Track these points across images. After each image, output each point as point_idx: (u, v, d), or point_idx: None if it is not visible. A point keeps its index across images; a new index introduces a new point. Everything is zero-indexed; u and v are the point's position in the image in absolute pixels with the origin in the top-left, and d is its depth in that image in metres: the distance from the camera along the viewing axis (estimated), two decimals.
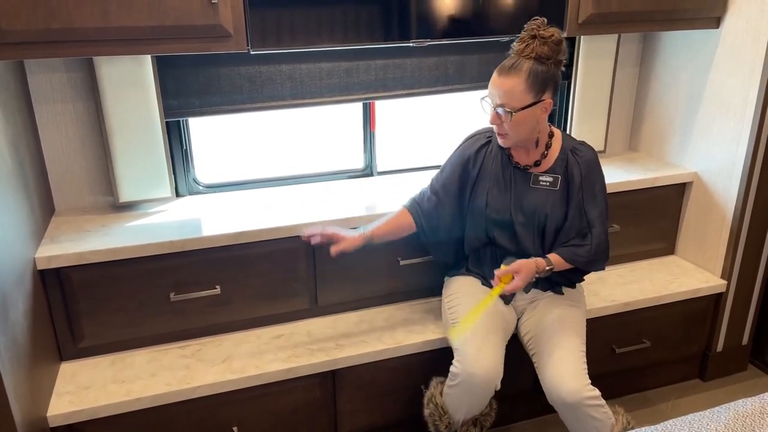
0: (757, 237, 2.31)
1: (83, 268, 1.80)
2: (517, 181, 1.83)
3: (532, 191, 1.82)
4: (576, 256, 1.81)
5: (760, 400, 1.49)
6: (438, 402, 1.80)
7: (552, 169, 1.82)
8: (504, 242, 1.86)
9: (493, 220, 1.84)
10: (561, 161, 1.82)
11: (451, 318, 1.90)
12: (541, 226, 1.83)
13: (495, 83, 1.69)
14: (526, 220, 1.83)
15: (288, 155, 2.41)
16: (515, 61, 1.67)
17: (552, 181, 1.81)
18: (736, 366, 2.51)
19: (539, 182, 1.82)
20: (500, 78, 1.68)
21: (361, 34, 1.86)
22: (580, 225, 1.82)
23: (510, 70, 1.66)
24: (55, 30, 1.56)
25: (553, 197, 1.81)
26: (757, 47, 2.08)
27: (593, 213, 1.81)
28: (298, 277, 2.03)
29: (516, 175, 1.84)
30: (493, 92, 1.70)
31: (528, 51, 1.66)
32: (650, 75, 2.56)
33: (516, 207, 1.82)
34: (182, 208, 2.11)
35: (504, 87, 1.66)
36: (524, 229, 1.83)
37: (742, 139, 2.18)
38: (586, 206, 1.81)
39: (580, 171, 1.80)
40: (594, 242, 1.81)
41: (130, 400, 1.73)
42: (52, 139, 2.00)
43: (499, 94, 1.67)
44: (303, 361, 1.89)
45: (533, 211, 1.82)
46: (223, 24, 1.69)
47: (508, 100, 1.66)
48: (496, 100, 1.69)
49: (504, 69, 1.68)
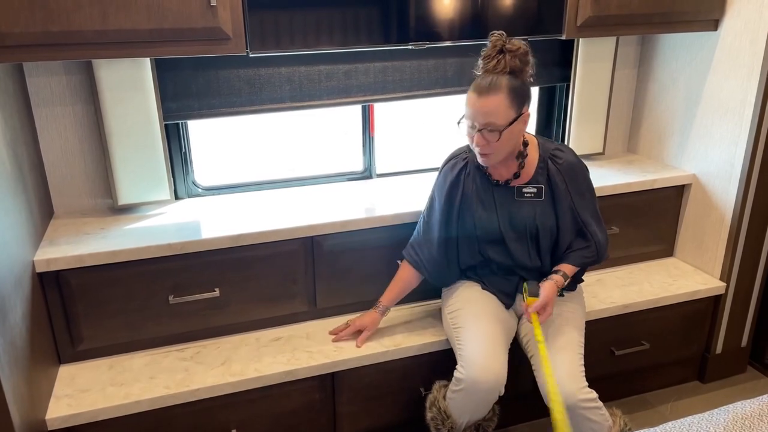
0: (756, 239, 2.31)
1: (82, 271, 1.80)
2: (501, 198, 1.82)
3: (518, 205, 1.81)
4: (584, 258, 1.84)
5: (759, 402, 1.49)
6: (441, 406, 1.79)
7: (534, 180, 1.81)
8: (499, 258, 1.86)
9: (485, 240, 1.84)
10: (541, 170, 1.81)
11: (451, 323, 1.89)
12: (534, 237, 1.83)
13: (476, 105, 1.64)
14: (517, 234, 1.83)
15: (287, 157, 2.41)
16: (491, 79, 1.63)
17: (536, 192, 1.80)
18: (735, 368, 2.51)
19: (523, 194, 1.81)
20: (481, 99, 1.63)
21: (360, 37, 1.86)
22: (575, 227, 1.83)
23: (490, 89, 1.62)
24: (54, 33, 1.56)
25: (540, 207, 1.81)
26: (755, 49, 2.08)
27: (586, 213, 1.83)
28: (297, 280, 2.03)
29: (498, 192, 1.82)
30: (474, 113, 1.65)
31: (501, 67, 1.64)
32: (649, 77, 2.56)
33: (504, 224, 1.82)
34: (181, 210, 2.11)
35: (487, 107, 1.63)
36: (517, 244, 1.84)
37: (740, 140, 2.18)
38: (578, 209, 1.82)
39: (563, 177, 1.80)
40: (595, 239, 1.84)
41: (129, 403, 1.73)
42: (51, 141, 2.00)
43: (483, 114, 1.63)
44: (302, 363, 1.89)
45: (523, 224, 1.81)
46: (222, 27, 1.69)
47: (494, 119, 1.63)
48: (479, 120, 1.65)
49: (482, 89, 1.63)
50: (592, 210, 1.85)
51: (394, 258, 2.11)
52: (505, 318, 1.87)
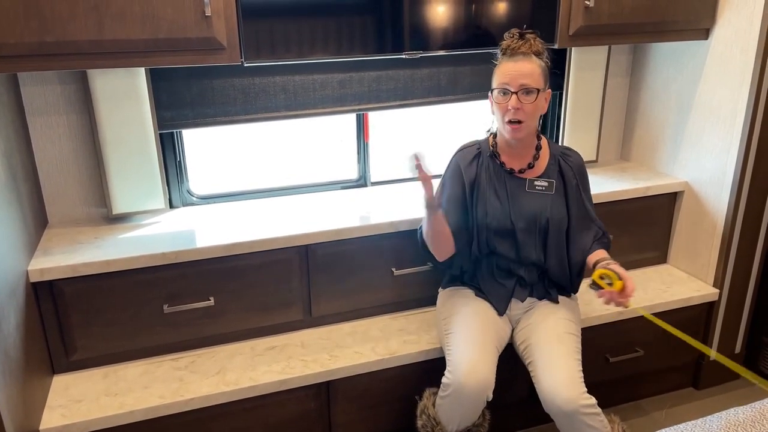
0: (749, 245, 2.33)
1: (76, 281, 1.80)
2: (513, 188, 1.86)
3: (529, 196, 1.85)
4: (605, 245, 1.90)
5: (752, 408, 1.50)
6: (430, 413, 1.80)
7: (546, 174, 1.87)
8: (505, 251, 1.88)
9: (494, 229, 1.85)
10: (553, 166, 1.87)
11: (444, 329, 1.90)
12: (543, 230, 1.85)
13: (513, 67, 1.71)
14: (527, 225, 1.85)
15: (282, 166, 2.42)
16: (522, 51, 1.72)
17: (547, 186, 1.85)
18: (729, 374, 2.51)
19: (534, 187, 1.85)
20: (517, 63, 1.71)
21: (354, 46, 1.87)
22: (583, 221, 1.89)
23: (524, 56, 1.72)
24: (49, 43, 1.56)
25: (551, 200, 1.85)
26: (745, 58, 2.10)
27: (590, 206, 1.93)
28: (292, 288, 2.03)
29: (511, 182, 1.86)
30: (511, 77, 1.71)
31: (527, 47, 1.73)
32: (641, 85, 2.59)
33: (516, 213, 1.84)
34: (176, 219, 2.11)
35: (524, 69, 1.71)
36: (526, 235, 1.85)
37: (732, 148, 2.20)
38: (587, 204, 1.91)
39: (574, 174, 1.88)
40: (603, 230, 1.92)
41: (123, 413, 1.72)
42: (46, 151, 2.00)
43: (521, 75, 1.70)
44: (297, 372, 1.88)
45: (534, 215, 1.84)
46: (217, 36, 1.70)
47: (530, 81, 1.71)
48: (516, 82, 1.71)
49: (516, 53, 1.72)
50: (592, 205, 1.95)
51: (389, 266, 2.11)
52: (497, 324, 1.87)
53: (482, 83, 2.38)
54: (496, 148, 1.88)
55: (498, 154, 1.88)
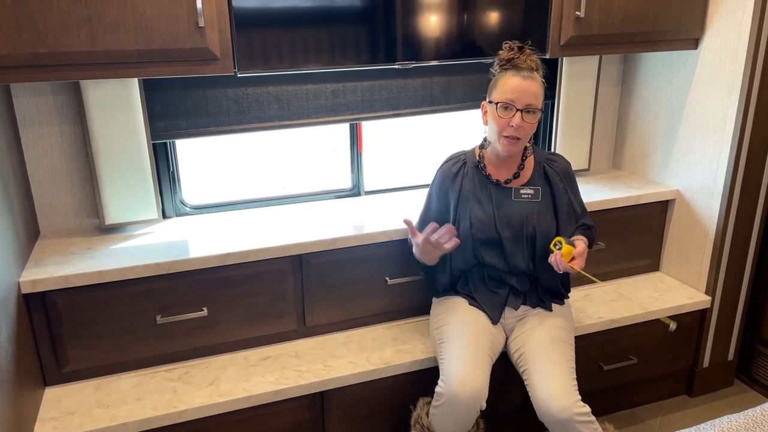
0: (740, 252, 2.34)
1: (68, 292, 1.79)
2: (499, 197, 1.86)
3: (515, 204, 1.86)
4: (587, 232, 1.95)
5: (745, 416, 1.51)
6: (424, 422, 1.80)
7: (531, 182, 1.88)
8: (493, 261, 1.88)
9: (480, 239, 1.85)
10: (538, 173, 1.89)
11: (437, 338, 1.90)
12: (531, 237, 1.85)
13: (521, 86, 1.73)
14: (513, 233, 1.85)
15: (275, 176, 2.42)
16: (527, 69, 1.75)
17: (533, 194, 1.86)
18: (723, 381, 2.52)
19: (520, 195, 1.86)
20: (526, 81, 1.73)
21: (347, 57, 1.88)
22: (573, 223, 1.93)
23: (531, 74, 1.75)
24: (42, 54, 1.56)
25: (538, 207, 1.85)
26: (735, 67, 2.13)
27: (579, 208, 1.96)
28: (285, 298, 2.03)
29: (496, 191, 1.87)
30: (520, 94, 1.73)
31: (530, 62, 1.76)
32: (632, 95, 2.61)
33: (501, 222, 1.84)
34: (169, 229, 2.10)
35: (532, 89, 1.73)
36: (513, 244, 1.85)
37: (722, 156, 2.22)
38: (575, 204, 1.94)
39: (560, 179, 1.89)
40: (590, 224, 1.98)
41: (116, 425, 1.71)
42: (38, 161, 2.00)
43: (528, 94, 1.73)
44: (291, 382, 1.88)
45: (521, 223, 1.84)
46: (210, 47, 1.70)
47: (535, 101, 1.74)
48: (523, 101, 1.73)
49: (524, 72, 1.74)
50: (583, 206, 1.98)
51: (383, 275, 2.11)
52: (491, 333, 1.87)
53: (475, 93, 2.39)
54: (483, 160, 1.89)
55: (484, 165, 1.88)
